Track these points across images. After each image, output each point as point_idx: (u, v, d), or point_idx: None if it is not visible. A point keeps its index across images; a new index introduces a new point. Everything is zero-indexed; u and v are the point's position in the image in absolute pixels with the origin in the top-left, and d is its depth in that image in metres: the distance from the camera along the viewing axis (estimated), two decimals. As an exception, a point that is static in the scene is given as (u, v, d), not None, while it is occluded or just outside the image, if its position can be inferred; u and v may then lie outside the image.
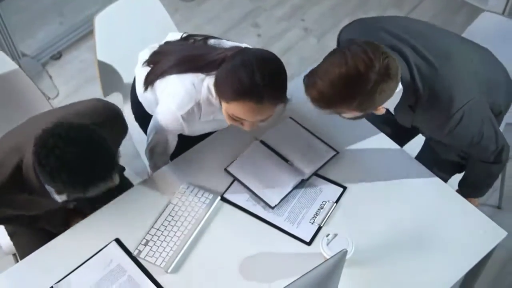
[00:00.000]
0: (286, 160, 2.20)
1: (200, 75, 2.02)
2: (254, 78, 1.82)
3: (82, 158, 1.64)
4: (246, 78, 1.82)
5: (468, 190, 2.22)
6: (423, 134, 2.35)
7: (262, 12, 3.97)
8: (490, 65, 2.17)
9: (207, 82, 2.00)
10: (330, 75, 1.79)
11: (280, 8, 4.00)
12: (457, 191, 2.26)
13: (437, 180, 2.16)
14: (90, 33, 3.79)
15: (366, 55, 1.78)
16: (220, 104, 1.97)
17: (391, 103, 1.99)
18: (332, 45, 3.62)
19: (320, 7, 4.00)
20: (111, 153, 1.71)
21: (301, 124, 2.30)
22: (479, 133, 2.02)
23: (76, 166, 1.64)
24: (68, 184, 1.67)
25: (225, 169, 2.18)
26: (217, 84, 1.93)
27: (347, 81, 1.77)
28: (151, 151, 2.26)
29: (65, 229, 2.18)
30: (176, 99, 2.03)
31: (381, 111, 1.93)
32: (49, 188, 1.85)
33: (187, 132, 2.15)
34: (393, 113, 2.17)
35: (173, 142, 2.22)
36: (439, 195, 2.13)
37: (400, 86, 1.93)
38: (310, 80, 1.85)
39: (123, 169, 2.47)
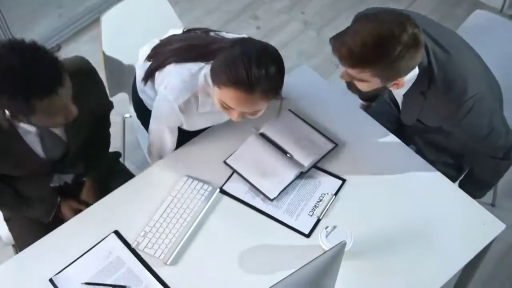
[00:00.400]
0: (285, 153, 2.20)
1: (200, 64, 2.02)
2: (249, 68, 1.81)
3: (25, 66, 1.65)
4: (241, 67, 1.81)
5: (470, 189, 2.23)
6: (418, 138, 2.35)
7: (262, 4, 3.97)
8: (487, 72, 2.19)
9: (204, 71, 2.00)
10: (362, 34, 1.79)
11: (280, 0, 3.99)
12: None
13: (436, 173, 2.16)
14: (89, 25, 3.79)
15: (399, 20, 1.79)
16: None
17: (402, 88, 2.01)
18: (332, 38, 3.63)
19: (320, 0, 3.99)
20: (57, 66, 1.72)
21: (300, 116, 2.30)
22: (489, 124, 2.04)
23: (19, 73, 1.65)
24: (12, 96, 1.67)
25: (224, 162, 2.18)
26: (212, 69, 1.91)
27: (379, 41, 1.78)
28: (152, 148, 2.25)
29: (57, 217, 2.18)
30: (173, 90, 2.02)
31: (401, 83, 1.92)
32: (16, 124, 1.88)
33: (185, 125, 2.15)
34: (399, 107, 2.17)
35: (173, 135, 2.21)
36: (438, 187, 2.13)
37: (416, 70, 1.94)
38: (338, 39, 1.85)
39: (118, 155, 2.47)
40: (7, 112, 1.80)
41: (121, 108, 2.63)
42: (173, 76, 2.04)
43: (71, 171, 2.25)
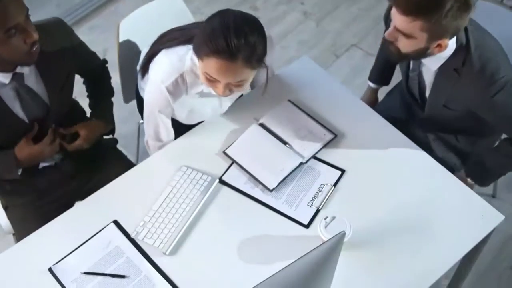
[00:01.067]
0: (284, 143, 2.20)
1: (188, 46, 2.04)
2: (229, 37, 1.82)
3: None
4: (221, 36, 1.82)
5: (477, 174, 2.22)
6: (429, 135, 2.34)
7: (261, -6, 3.96)
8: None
9: (191, 52, 2.01)
10: None
11: (279, -9, 3.99)
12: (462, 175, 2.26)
13: (435, 164, 2.16)
14: (87, 15, 3.78)
15: None
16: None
17: (436, 62, 2.05)
18: (331, 29, 3.63)
19: (320, -10, 3.99)
20: None
21: (300, 107, 2.30)
22: None
23: None
24: None
25: (224, 152, 2.18)
26: (194, 43, 1.93)
27: None
28: (148, 141, 2.26)
29: (56, 205, 2.16)
30: (160, 72, 2.05)
31: (444, 45, 1.95)
32: None
33: (178, 113, 2.15)
34: (424, 97, 2.17)
35: (167, 124, 2.20)
36: (437, 179, 2.13)
37: (454, 45, 1.99)
38: None
39: (115, 141, 2.47)
40: None
41: (137, 114, 2.64)
42: (162, 60, 2.06)
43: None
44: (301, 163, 2.15)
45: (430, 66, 2.11)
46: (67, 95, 2.14)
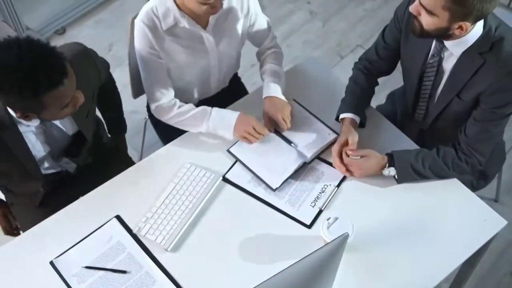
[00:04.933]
0: (289, 142, 2.20)
1: None
2: None
3: (23, 59, 1.63)
4: None
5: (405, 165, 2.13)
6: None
7: (268, -7, 3.96)
8: None
9: None
10: None
11: (286, -10, 3.98)
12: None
13: (439, 167, 2.16)
14: (94, 9, 3.78)
15: None
16: (175, 3, 2.11)
17: (461, 46, 2.00)
18: (337, 29, 3.63)
19: (326, -10, 3.98)
20: (59, 57, 1.70)
21: (305, 106, 2.30)
22: None
23: (18, 67, 1.62)
24: (20, 95, 1.65)
25: (228, 150, 2.18)
26: None
27: None
28: (148, 83, 2.29)
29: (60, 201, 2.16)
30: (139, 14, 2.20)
31: (465, 28, 1.91)
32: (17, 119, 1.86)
33: (162, 54, 2.21)
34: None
35: (160, 63, 2.25)
36: (440, 182, 2.13)
37: (480, 29, 1.96)
38: None
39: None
40: (14, 113, 1.80)
41: (142, 109, 2.64)
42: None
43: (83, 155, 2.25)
44: (304, 163, 2.15)
45: (454, 50, 2.04)
46: (92, 115, 2.16)
